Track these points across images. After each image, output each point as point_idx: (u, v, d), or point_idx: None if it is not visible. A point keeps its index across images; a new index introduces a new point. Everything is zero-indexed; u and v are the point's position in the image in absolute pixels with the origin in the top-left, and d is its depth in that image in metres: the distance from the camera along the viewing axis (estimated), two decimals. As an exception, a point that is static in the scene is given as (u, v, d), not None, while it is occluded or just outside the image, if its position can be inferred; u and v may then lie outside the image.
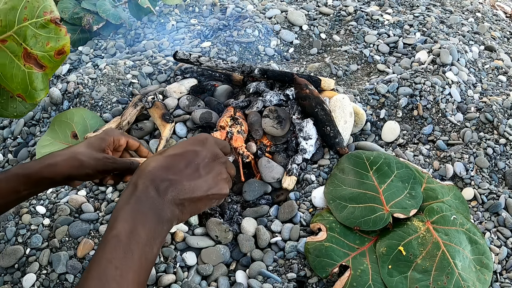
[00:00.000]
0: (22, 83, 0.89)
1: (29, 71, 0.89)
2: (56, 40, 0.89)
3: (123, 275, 0.48)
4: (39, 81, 0.91)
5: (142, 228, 0.51)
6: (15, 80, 0.89)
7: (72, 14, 1.63)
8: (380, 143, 1.19)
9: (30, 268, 0.89)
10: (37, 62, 0.89)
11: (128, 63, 1.39)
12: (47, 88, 0.92)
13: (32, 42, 0.88)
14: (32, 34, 0.88)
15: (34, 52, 0.88)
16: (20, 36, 0.87)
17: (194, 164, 0.57)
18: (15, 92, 0.90)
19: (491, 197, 1.01)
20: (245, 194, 1.02)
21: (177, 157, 0.57)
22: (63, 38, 0.90)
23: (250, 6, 1.71)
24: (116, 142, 0.82)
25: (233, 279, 0.88)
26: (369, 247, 0.88)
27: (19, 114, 1.04)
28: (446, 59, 1.34)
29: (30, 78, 0.89)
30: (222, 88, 1.26)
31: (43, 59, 0.89)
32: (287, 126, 1.09)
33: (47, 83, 0.92)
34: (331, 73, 1.44)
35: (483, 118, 1.18)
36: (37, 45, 0.88)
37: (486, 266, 0.85)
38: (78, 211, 0.99)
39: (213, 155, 0.60)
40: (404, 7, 1.78)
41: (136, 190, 0.53)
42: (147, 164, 0.56)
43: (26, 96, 0.91)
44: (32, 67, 0.89)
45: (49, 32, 0.88)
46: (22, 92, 0.90)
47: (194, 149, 0.58)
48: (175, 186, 0.55)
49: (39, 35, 0.88)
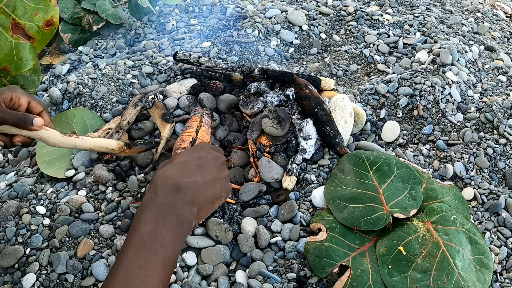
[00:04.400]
0: (8, 54, 0.88)
1: (16, 42, 0.88)
2: (45, 10, 0.88)
3: (148, 274, 0.51)
4: (26, 52, 0.89)
5: (165, 229, 0.55)
6: (1, 52, 0.87)
7: (72, 14, 1.63)
8: (380, 143, 1.19)
9: (30, 268, 0.89)
10: (25, 32, 0.88)
11: (128, 63, 1.40)
12: (34, 59, 0.89)
13: (20, 12, 0.87)
14: (21, 4, 0.86)
15: (22, 22, 0.87)
16: (10, 8, 0.86)
17: (203, 167, 0.64)
18: (1, 64, 0.88)
19: (491, 197, 1.01)
20: (242, 195, 1.02)
21: (188, 163, 0.64)
22: (52, 9, 0.89)
23: (250, 6, 1.71)
24: (15, 99, 0.77)
25: (233, 279, 0.88)
26: (369, 247, 0.88)
27: None
28: (446, 59, 1.34)
29: (17, 48, 0.88)
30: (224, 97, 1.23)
31: (31, 30, 0.88)
32: (287, 126, 1.09)
33: (35, 55, 0.90)
34: (331, 73, 1.44)
35: (483, 118, 1.18)
36: (26, 15, 0.87)
37: (486, 266, 0.85)
38: (78, 211, 0.99)
39: (214, 157, 0.67)
40: (404, 7, 1.78)
41: (157, 194, 0.58)
42: (164, 172, 0.62)
43: (11, 68, 0.89)
44: (19, 37, 0.87)
45: (38, 3, 0.87)
46: (7, 64, 0.88)
47: (199, 155, 0.66)
48: (192, 188, 0.60)
49: (28, 6, 0.87)
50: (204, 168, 0.64)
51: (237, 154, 1.12)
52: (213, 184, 0.64)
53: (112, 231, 0.94)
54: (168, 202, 0.57)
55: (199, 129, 1.08)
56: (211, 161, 0.66)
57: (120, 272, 0.51)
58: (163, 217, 0.56)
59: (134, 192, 1.02)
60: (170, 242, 0.54)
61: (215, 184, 0.64)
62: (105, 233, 0.93)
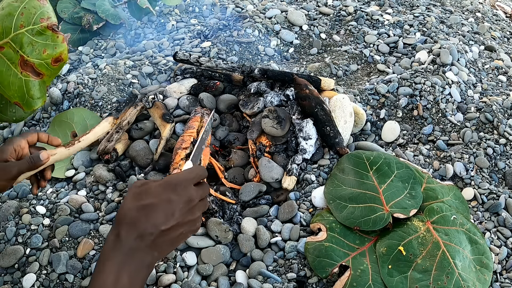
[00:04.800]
0: (19, 91, 0.88)
1: (26, 79, 0.87)
2: (53, 47, 0.87)
3: None
4: (36, 89, 0.89)
5: (127, 276, 0.57)
6: (12, 87, 0.88)
7: (72, 14, 1.63)
8: (380, 143, 1.19)
9: (30, 268, 0.89)
10: (34, 70, 0.87)
11: (128, 63, 1.40)
12: (44, 96, 0.90)
13: (28, 50, 0.86)
14: (28, 41, 0.85)
15: (31, 60, 0.86)
16: (17, 43, 0.86)
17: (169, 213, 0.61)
18: (12, 99, 0.89)
19: (491, 197, 1.01)
20: (242, 195, 1.02)
21: (154, 208, 0.61)
22: (60, 45, 0.88)
23: (250, 6, 1.71)
24: (17, 148, 0.84)
25: (233, 279, 0.88)
26: (369, 247, 0.88)
27: (18, 118, 1.03)
28: (446, 59, 1.34)
29: (27, 86, 0.88)
30: (225, 97, 1.23)
31: (40, 67, 0.87)
32: (287, 126, 1.09)
33: (45, 91, 0.91)
34: (331, 73, 1.44)
35: (483, 118, 1.18)
36: (34, 53, 0.86)
37: (486, 266, 0.85)
38: (78, 211, 0.99)
39: (186, 201, 0.63)
40: (404, 7, 1.78)
41: (120, 239, 0.58)
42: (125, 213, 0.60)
43: (23, 105, 0.89)
44: (29, 75, 0.87)
45: (46, 39, 0.87)
46: (19, 100, 0.89)
47: (168, 197, 0.62)
48: (155, 234, 0.60)
49: (35, 42, 0.86)
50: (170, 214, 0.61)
51: (237, 154, 1.12)
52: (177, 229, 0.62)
53: (112, 231, 0.94)
54: (131, 248, 0.58)
55: (200, 130, 1.08)
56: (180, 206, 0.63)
57: None
58: (125, 265, 0.58)
59: (134, 192, 1.02)
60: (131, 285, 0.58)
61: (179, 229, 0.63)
62: (105, 233, 0.93)
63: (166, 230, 0.61)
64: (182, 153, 1.02)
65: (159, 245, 0.61)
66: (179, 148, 1.03)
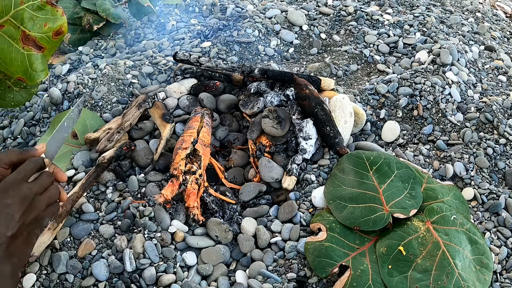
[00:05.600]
0: (21, 65, 0.91)
1: (28, 53, 0.91)
2: (54, 21, 0.91)
3: None
4: (39, 62, 0.92)
5: None
6: (14, 63, 0.90)
7: (72, 14, 1.63)
8: (380, 143, 1.19)
9: (30, 268, 0.89)
10: (36, 43, 0.91)
11: (128, 63, 1.40)
12: (46, 69, 0.94)
13: (30, 25, 0.89)
14: (29, 16, 0.89)
15: (32, 34, 0.90)
16: (18, 20, 0.89)
17: (9, 218, 0.60)
18: (15, 75, 0.92)
19: (491, 197, 1.01)
20: (242, 195, 1.02)
21: None
22: (60, 18, 0.91)
23: (250, 6, 1.71)
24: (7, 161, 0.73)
25: (233, 279, 0.88)
26: (369, 247, 0.88)
27: (16, 103, 1.05)
28: (446, 59, 1.34)
29: (30, 60, 0.91)
30: (225, 97, 1.24)
31: (41, 41, 0.91)
32: (287, 126, 1.09)
33: (46, 64, 0.94)
34: (331, 73, 1.44)
35: (483, 118, 1.18)
36: (35, 27, 0.90)
37: (486, 266, 0.86)
38: (79, 211, 0.99)
39: (21, 200, 0.62)
40: (404, 7, 1.78)
41: None
42: None
43: (26, 78, 0.92)
44: (31, 49, 0.90)
45: (46, 13, 0.90)
46: (22, 75, 0.92)
47: (5, 203, 0.61)
48: (4, 244, 0.58)
49: (36, 17, 0.89)
50: (11, 219, 0.60)
51: (237, 154, 1.12)
52: (26, 229, 0.62)
53: (112, 231, 0.94)
54: None
55: (200, 130, 1.08)
56: (17, 207, 0.61)
57: None
58: None
59: (134, 192, 1.02)
60: None
61: (27, 229, 0.62)
62: (105, 233, 0.93)
63: (13, 236, 0.59)
64: (182, 153, 1.02)
65: (14, 251, 0.59)
66: (179, 148, 1.03)
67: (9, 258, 0.59)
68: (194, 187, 0.97)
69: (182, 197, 0.98)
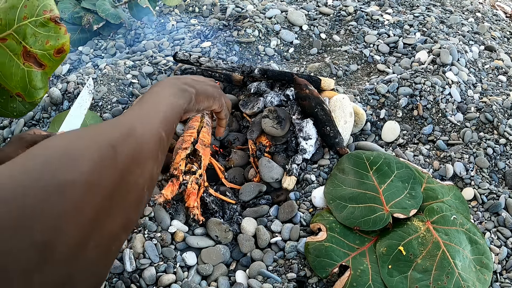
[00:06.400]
0: (21, 81, 0.89)
1: (28, 70, 0.89)
2: (56, 38, 0.89)
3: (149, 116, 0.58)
4: (38, 80, 0.91)
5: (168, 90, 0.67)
6: (14, 78, 0.89)
7: (72, 14, 1.63)
8: (380, 143, 1.19)
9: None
10: (37, 60, 0.89)
11: (128, 63, 1.39)
12: (46, 86, 0.92)
13: (31, 41, 0.88)
14: (31, 32, 0.87)
15: (34, 50, 0.88)
16: (20, 35, 0.87)
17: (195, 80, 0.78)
18: (14, 90, 0.90)
19: (491, 197, 1.01)
20: (242, 195, 1.02)
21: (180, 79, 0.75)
22: (63, 36, 0.90)
23: (250, 6, 1.71)
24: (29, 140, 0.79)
25: (233, 279, 0.88)
26: (369, 247, 0.88)
27: (18, 113, 1.04)
28: (446, 59, 1.34)
29: (30, 77, 0.89)
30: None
31: (42, 58, 0.89)
32: (287, 126, 1.09)
33: (47, 81, 0.92)
34: (331, 73, 1.44)
35: (483, 118, 1.18)
36: (37, 44, 0.88)
37: (486, 266, 0.85)
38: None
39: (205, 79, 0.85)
40: (404, 7, 1.78)
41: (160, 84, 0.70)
42: None
43: (25, 95, 0.91)
44: (31, 65, 0.89)
45: (49, 30, 0.88)
46: (21, 91, 0.90)
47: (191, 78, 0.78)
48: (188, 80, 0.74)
49: (38, 34, 0.88)
50: (196, 79, 0.78)
51: (237, 154, 1.12)
52: (206, 84, 0.78)
53: (112, 231, 0.94)
54: (170, 80, 0.70)
55: (200, 130, 1.08)
56: (203, 79, 0.81)
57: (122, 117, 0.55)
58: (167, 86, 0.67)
59: (134, 192, 1.02)
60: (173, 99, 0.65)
61: (207, 85, 0.78)
62: (105, 233, 0.93)
63: (196, 80, 0.76)
64: (182, 153, 1.01)
65: (194, 86, 0.73)
66: (179, 148, 1.03)
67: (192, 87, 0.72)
68: (194, 187, 0.97)
69: (182, 197, 0.98)
